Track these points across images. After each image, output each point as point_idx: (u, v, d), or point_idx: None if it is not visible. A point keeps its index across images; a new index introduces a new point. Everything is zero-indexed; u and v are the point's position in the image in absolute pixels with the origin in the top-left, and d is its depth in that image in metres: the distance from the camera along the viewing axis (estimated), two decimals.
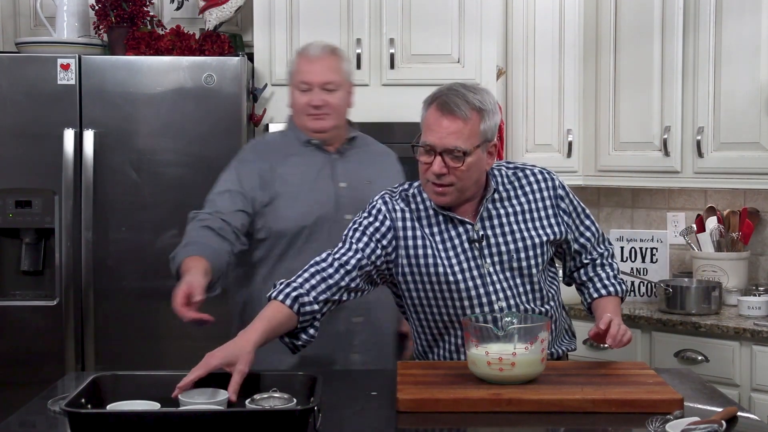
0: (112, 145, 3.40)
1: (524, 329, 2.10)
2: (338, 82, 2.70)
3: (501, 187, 2.37)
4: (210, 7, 3.62)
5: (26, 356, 3.39)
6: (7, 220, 3.41)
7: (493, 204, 2.35)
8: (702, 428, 1.80)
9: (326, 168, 2.73)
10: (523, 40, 3.99)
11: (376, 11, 3.59)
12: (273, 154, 2.73)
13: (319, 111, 2.68)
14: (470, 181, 2.27)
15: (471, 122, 2.21)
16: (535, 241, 2.34)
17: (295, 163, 2.71)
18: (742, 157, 3.53)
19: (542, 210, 2.38)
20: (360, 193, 2.64)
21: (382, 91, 3.60)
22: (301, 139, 2.74)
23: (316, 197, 2.68)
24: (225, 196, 2.64)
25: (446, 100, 2.23)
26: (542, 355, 2.09)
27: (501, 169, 2.41)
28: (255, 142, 2.93)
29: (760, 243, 3.86)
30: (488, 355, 2.06)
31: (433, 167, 2.22)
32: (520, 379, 2.08)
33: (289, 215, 2.65)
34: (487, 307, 2.30)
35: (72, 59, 3.39)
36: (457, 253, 2.31)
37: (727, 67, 3.56)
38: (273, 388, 1.96)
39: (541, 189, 2.40)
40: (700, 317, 3.47)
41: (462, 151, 2.20)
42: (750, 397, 3.28)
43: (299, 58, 2.73)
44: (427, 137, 2.24)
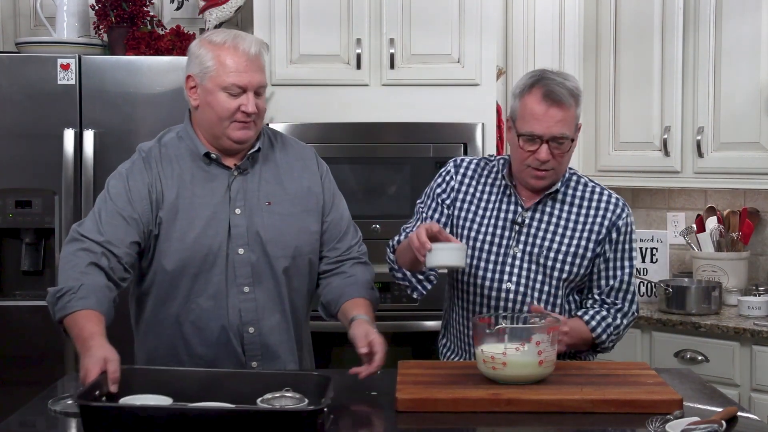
0: (112, 145, 3.39)
1: (514, 329, 2.10)
2: (266, 84, 2.36)
3: (569, 190, 2.43)
4: (210, 7, 3.62)
5: (26, 356, 3.39)
6: (7, 220, 3.41)
7: (553, 201, 2.41)
8: (702, 428, 1.80)
9: (221, 190, 2.32)
10: (523, 40, 3.98)
11: (376, 11, 3.59)
12: (166, 166, 2.34)
13: (248, 119, 2.29)
14: (566, 163, 2.38)
15: (572, 109, 2.29)
16: (571, 250, 2.38)
17: (186, 183, 2.32)
18: (742, 157, 3.53)
19: (593, 233, 2.40)
20: (256, 219, 2.33)
21: (382, 91, 3.60)
22: (200, 151, 2.33)
23: (204, 231, 2.30)
24: (118, 222, 2.25)
25: (551, 88, 2.27)
26: (539, 357, 2.06)
27: (581, 178, 2.47)
28: (150, 147, 2.39)
29: (760, 243, 3.86)
30: (483, 353, 2.08)
31: (540, 155, 2.29)
32: (516, 379, 2.06)
33: (174, 248, 2.29)
34: (496, 284, 2.38)
35: (72, 59, 3.39)
36: (495, 224, 2.41)
37: (727, 67, 3.56)
38: (286, 387, 1.95)
39: (605, 216, 2.41)
40: (700, 317, 3.47)
41: (570, 138, 2.30)
42: (750, 397, 3.28)
43: (229, 53, 2.27)
44: (533, 127, 2.28)
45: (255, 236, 2.32)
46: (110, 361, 1.94)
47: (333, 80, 3.55)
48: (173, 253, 2.29)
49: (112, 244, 2.22)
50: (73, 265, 2.18)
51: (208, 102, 2.30)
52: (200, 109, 2.33)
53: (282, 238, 2.35)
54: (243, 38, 2.31)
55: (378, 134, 3.57)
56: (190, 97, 2.35)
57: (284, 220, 2.36)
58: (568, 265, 2.38)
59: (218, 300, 2.32)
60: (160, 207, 2.29)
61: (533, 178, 2.35)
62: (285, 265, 2.35)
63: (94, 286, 2.15)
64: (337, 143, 3.52)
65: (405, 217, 3.65)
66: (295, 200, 2.39)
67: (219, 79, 2.27)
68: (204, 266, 2.30)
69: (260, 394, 1.93)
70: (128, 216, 2.26)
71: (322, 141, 3.45)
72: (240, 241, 2.31)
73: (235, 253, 2.31)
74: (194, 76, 2.32)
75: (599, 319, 2.38)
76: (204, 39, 2.34)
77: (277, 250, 2.34)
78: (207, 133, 2.35)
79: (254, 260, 2.33)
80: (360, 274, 2.43)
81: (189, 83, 2.34)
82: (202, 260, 2.29)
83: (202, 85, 2.30)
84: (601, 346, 2.40)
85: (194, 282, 2.31)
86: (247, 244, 2.32)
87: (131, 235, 2.26)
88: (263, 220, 2.33)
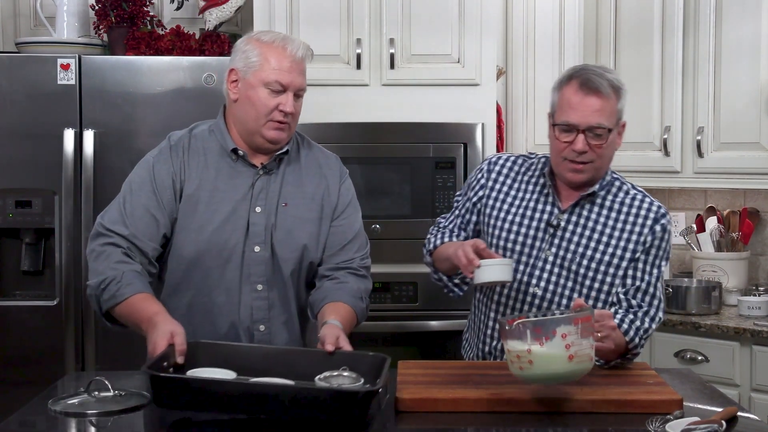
0: (112, 145, 3.39)
1: (534, 322, 1.92)
2: (305, 88, 2.39)
3: (609, 195, 2.38)
4: (210, 7, 3.62)
5: (26, 356, 3.39)
6: (7, 220, 3.41)
7: (591, 204, 2.37)
8: (702, 428, 1.80)
9: (244, 187, 2.36)
10: (523, 40, 3.99)
11: (376, 11, 3.59)
12: (192, 157, 2.37)
13: (285, 119, 2.32)
14: (607, 160, 2.34)
15: (612, 100, 2.27)
16: (605, 258, 2.33)
17: (211, 176, 2.35)
18: (742, 157, 3.54)
19: (630, 242, 2.34)
20: (269, 220, 2.35)
21: (382, 91, 3.60)
22: (228, 147, 2.37)
23: (222, 225, 2.33)
24: (142, 214, 2.29)
25: (588, 77, 2.26)
26: (568, 351, 1.88)
27: (624, 185, 2.42)
28: (180, 136, 2.43)
29: (760, 243, 3.86)
30: (509, 353, 1.94)
31: (576, 145, 2.26)
32: (547, 378, 1.92)
33: (192, 239, 2.32)
34: (523, 287, 2.36)
35: (72, 59, 3.39)
36: (529, 225, 2.37)
37: (727, 67, 3.56)
38: (342, 366, 2.01)
39: (644, 224, 2.35)
40: (700, 317, 3.47)
41: (606, 128, 2.26)
42: (750, 397, 3.28)
43: (276, 52, 2.32)
44: (569, 116, 2.26)
45: (270, 236, 2.35)
46: (177, 335, 2.05)
47: (333, 80, 3.55)
48: (191, 243, 2.32)
49: (138, 239, 2.28)
50: (104, 258, 2.25)
51: (249, 96, 2.33)
52: (239, 103, 2.36)
53: (291, 241, 2.36)
54: (291, 40, 2.36)
55: (378, 134, 3.57)
56: (230, 90, 2.37)
57: (296, 223, 2.38)
58: (600, 275, 2.33)
59: (231, 296, 2.34)
60: (182, 197, 2.33)
61: (570, 171, 2.30)
62: (293, 267, 2.37)
63: (134, 272, 2.23)
64: (337, 143, 3.51)
65: (405, 217, 3.66)
66: (312, 204, 2.41)
67: (263, 74, 2.30)
68: (219, 260, 2.32)
69: (317, 372, 1.99)
70: (154, 208, 2.30)
71: (322, 141, 3.41)
72: (257, 239, 2.34)
73: (251, 251, 2.33)
74: (237, 69, 2.35)
75: (629, 322, 2.27)
76: (252, 37, 2.39)
77: (286, 251, 2.36)
78: (241, 129, 2.37)
79: (268, 259, 2.35)
80: (352, 282, 2.41)
81: (231, 77, 2.37)
82: (218, 254, 2.32)
83: (244, 79, 2.33)
84: (633, 351, 2.27)
85: (208, 275, 2.33)
86: (263, 243, 2.34)
87: (156, 229, 2.30)
88: (277, 221, 2.36)
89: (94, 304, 2.27)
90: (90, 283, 2.25)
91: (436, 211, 3.51)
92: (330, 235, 2.43)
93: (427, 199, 3.57)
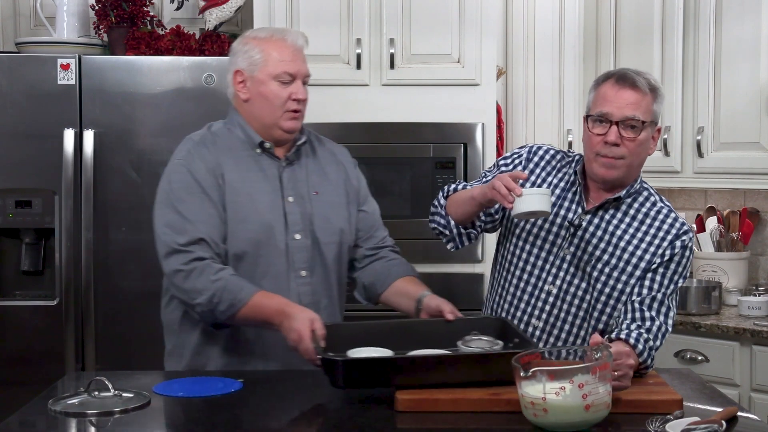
0: (112, 145, 3.39)
1: (550, 372, 1.81)
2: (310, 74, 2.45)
3: (635, 203, 2.37)
4: (210, 7, 3.62)
5: (26, 356, 3.39)
6: (7, 220, 3.41)
7: (615, 210, 2.36)
8: (702, 428, 1.80)
9: (273, 178, 2.42)
10: (523, 40, 3.99)
11: (376, 11, 3.59)
12: (221, 151, 2.41)
13: (299, 107, 2.39)
14: (639, 158, 2.32)
15: (648, 97, 2.28)
16: (620, 265, 2.32)
17: (243, 169, 2.40)
18: (742, 157, 3.54)
19: (648, 253, 2.32)
20: (307, 207, 2.43)
21: (382, 91, 3.60)
22: (254, 141, 2.42)
23: (265, 215, 2.38)
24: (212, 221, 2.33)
25: (625, 73, 2.30)
26: (584, 401, 1.79)
27: (652, 196, 2.42)
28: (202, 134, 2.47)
29: (760, 243, 3.86)
30: (524, 398, 1.85)
31: (609, 136, 2.25)
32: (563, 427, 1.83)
33: (239, 229, 2.36)
34: (540, 283, 2.37)
35: (72, 59, 3.39)
36: (552, 221, 2.38)
37: (727, 67, 3.56)
38: (473, 330, 2.19)
39: (665, 237, 2.33)
40: (700, 317, 3.47)
41: (640, 120, 2.25)
42: (750, 397, 3.28)
43: (276, 45, 2.38)
44: (603, 107, 2.27)
45: (308, 223, 2.42)
46: (316, 320, 2.15)
47: (333, 80, 3.55)
48: (238, 233, 2.35)
49: (214, 242, 2.32)
50: (198, 275, 2.27)
51: (260, 92, 2.38)
52: (251, 101, 2.41)
53: (330, 226, 2.45)
54: (287, 32, 2.44)
55: (378, 134, 3.57)
56: (239, 91, 2.42)
57: (332, 209, 2.47)
58: (612, 280, 2.32)
59: (279, 283, 2.38)
60: (225, 190, 2.36)
61: (603, 167, 2.29)
62: (335, 252, 2.46)
63: (235, 276, 2.29)
64: (337, 143, 3.52)
65: (405, 217, 3.65)
66: (339, 191, 2.50)
67: (269, 68, 2.36)
68: (266, 249, 2.37)
69: (450, 338, 2.17)
70: (211, 208, 2.33)
71: None
72: (296, 228, 2.40)
73: (292, 239, 2.40)
74: (243, 70, 2.40)
75: (643, 342, 2.18)
76: (248, 36, 2.45)
77: (326, 236, 2.44)
78: (257, 125, 2.42)
79: (309, 246, 2.42)
80: (400, 258, 2.56)
81: (237, 78, 2.42)
82: (265, 243, 2.37)
83: (252, 77, 2.39)
84: (643, 371, 2.18)
85: (256, 265, 2.37)
86: (302, 230, 2.41)
87: (222, 228, 2.34)
88: (313, 209, 2.43)
89: (208, 318, 2.30)
90: (200, 301, 2.26)
91: None
92: (360, 220, 2.54)
93: (427, 199, 3.53)
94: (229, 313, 2.26)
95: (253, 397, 2.11)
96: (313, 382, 2.18)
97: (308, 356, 2.12)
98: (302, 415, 2.02)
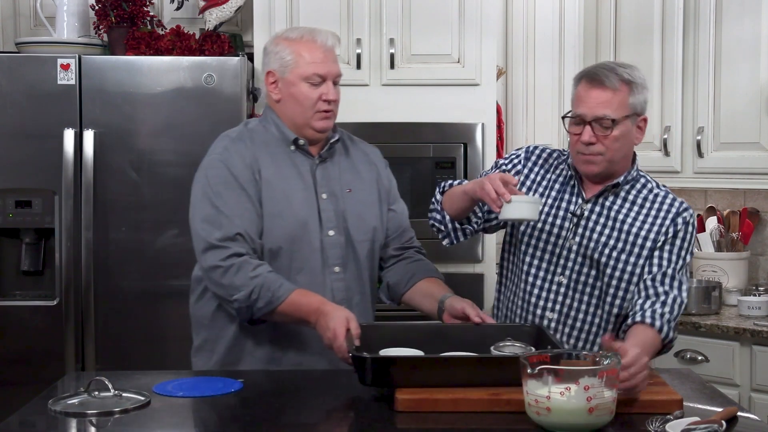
0: (112, 145, 3.39)
1: (557, 371, 1.82)
2: (341, 74, 2.50)
3: (633, 190, 2.43)
4: (210, 7, 3.62)
5: (26, 356, 3.39)
6: (7, 220, 3.41)
7: (615, 196, 2.42)
8: (702, 428, 1.80)
9: (307, 175, 2.45)
10: (523, 40, 3.99)
11: (376, 11, 3.59)
12: (257, 147, 2.43)
13: (330, 107, 2.43)
14: (619, 152, 2.36)
15: (620, 93, 2.31)
16: (627, 248, 2.37)
17: (278, 165, 2.43)
18: (742, 157, 3.54)
19: (652, 232, 2.37)
20: (340, 205, 2.46)
21: (382, 91, 3.60)
22: (289, 138, 2.45)
23: (300, 211, 2.41)
24: (248, 216, 2.35)
25: (596, 72, 2.34)
26: (589, 404, 1.79)
27: (649, 183, 2.46)
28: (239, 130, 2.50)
29: (760, 243, 3.86)
30: (528, 395, 1.86)
31: (583, 136, 2.32)
32: (564, 428, 1.83)
33: (276, 225, 2.38)
34: (549, 276, 2.41)
35: (72, 59, 3.39)
36: (555, 215, 2.42)
37: (727, 67, 3.56)
38: (507, 336, 2.20)
39: (666, 216, 2.39)
40: (700, 317, 3.47)
41: (610, 119, 2.30)
42: (750, 397, 3.28)
43: (307, 46, 2.41)
44: (577, 108, 2.34)
45: (342, 220, 2.45)
46: (351, 319, 2.18)
47: None
48: (274, 229, 2.37)
49: (251, 238, 2.33)
50: (236, 271, 2.29)
51: (291, 93, 2.42)
52: (283, 102, 2.45)
53: (363, 224, 2.48)
54: (318, 32, 2.45)
55: (378, 134, 3.56)
56: (272, 92, 2.46)
57: (365, 207, 2.50)
58: (621, 263, 2.36)
59: (314, 278, 2.40)
60: (262, 185, 2.38)
61: (583, 163, 2.37)
62: (367, 249, 2.49)
63: (273, 272, 2.31)
64: None
65: None
66: (371, 189, 2.53)
67: (300, 70, 2.40)
68: (301, 245, 2.39)
69: (484, 344, 2.18)
70: (248, 203, 2.35)
71: None
72: (330, 224, 2.43)
73: (326, 235, 2.42)
74: (274, 71, 2.44)
75: (659, 317, 2.26)
76: (279, 37, 2.48)
77: (360, 234, 2.47)
78: (290, 124, 2.45)
79: (342, 242, 2.45)
80: (425, 260, 2.60)
81: (269, 79, 2.45)
82: (300, 239, 2.39)
83: (283, 79, 2.42)
84: (668, 345, 2.32)
85: (292, 260, 2.39)
86: (336, 227, 2.43)
87: (259, 223, 2.36)
88: (347, 206, 2.46)
89: (245, 315, 2.31)
90: (238, 297, 2.28)
91: None
92: (389, 219, 2.57)
93: (427, 199, 3.52)
94: (266, 309, 2.28)
95: (253, 397, 2.11)
96: (314, 381, 2.18)
97: (341, 354, 2.14)
98: (302, 415, 2.01)
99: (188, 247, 3.39)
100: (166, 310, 3.43)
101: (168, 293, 3.41)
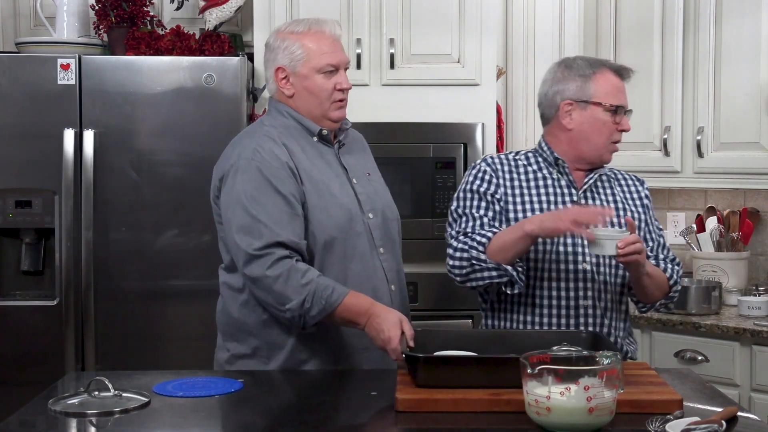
0: (112, 145, 3.39)
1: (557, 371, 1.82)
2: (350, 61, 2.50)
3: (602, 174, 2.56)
4: (210, 7, 3.62)
5: (26, 356, 3.39)
6: (7, 220, 3.41)
7: (601, 180, 2.55)
8: (702, 428, 1.80)
9: (335, 164, 2.45)
10: (523, 40, 3.99)
11: (376, 11, 3.59)
12: (289, 144, 2.38)
13: (344, 96, 2.42)
14: None
15: None
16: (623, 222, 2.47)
17: (311, 157, 2.40)
18: (742, 157, 3.54)
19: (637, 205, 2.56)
20: (367, 188, 2.48)
21: (382, 91, 3.60)
22: (313, 130, 2.42)
23: (342, 199, 2.39)
24: (288, 219, 2.29)
25: (619, 66, 2.50)
26: (588, 404, 1.79)
27: None
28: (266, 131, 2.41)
29: (760, 243, 3.86)
30: (528, 395, 1.85)
31: (626, 125, 2.47)
32: (563, 428, 1.83)
33: (325, 216, 2.36)
34: (571, 265, 2.45)
35: (72, 59, 3.39)
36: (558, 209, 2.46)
37: (727, 67, 3.56)
38: (563, 342, 2.16)
39: (638, 189, 2.61)
40: (700, 317, 3.47)
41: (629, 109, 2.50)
42: (750, 397, 3.28)
43: (315, 38, 2.40)
44: (619, 99, 2.47)
45: (375, 203, 2.47)
46: (404, 321, 2.19)
47: None
48: (324, 221, 2.35)
49: (295, 242, 2.27)
50: (285, 279, 2.23)
51: (306, 87, 2.40)
52: (297, 96, 2.42)
53: (390, 204, 2.54)
54: (324, 22, 2.44)
55: (378, 134, 3.56)
56: (283, 88, 2.42)
57: (383, 187, 2.56)
58: None
59: (365, 262, 2.41)
60: (302, 179, 2.35)
61: (611, 153, 2.49)
62: (397, 228, 2.54)
63: (322, 276, 2.27)
64: None
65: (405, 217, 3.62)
66: (377, 171, 2.59)
67: (312, 62, 2.38)
68: (350, 232, 2.38)
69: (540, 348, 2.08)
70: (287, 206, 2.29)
71: None
72: (368, 207, 2.45)
73: (367, 218, 2.44)
74: (284, 66, 2.41)
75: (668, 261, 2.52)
76: (284, 31, 2.45)
77: (390, 213, 2.53)
78: (308, 117, 2.43)
79: (380, 224, 2.47)
80: None
81: (279, 75, 2.42)
82: (348, 226, 2.37)
83: (295, 73, 2.40)
84: (674, 289, 2.52)
85: (345, 248, 2.37)
86: (372, 210, 2.45)
87: (301, 224, 2.31)
88: (374, 189, 2.50)
89: (297, 323, 2.27)
90: (290, 306, 2.22)
91: (435, 211, 3.51)
92: None
93: (427, 199, 3.57)
94: (319, 317, 2.24)
95: (252, 397, 2.11)
96: (314, 382, 2.18)
97: (396, 356, 2.14)
98: (302, 415, 2.01)
99: (188, 247, 3.41)
100: (166, 310, 3.43)
101: (168, 293, 3.42)
